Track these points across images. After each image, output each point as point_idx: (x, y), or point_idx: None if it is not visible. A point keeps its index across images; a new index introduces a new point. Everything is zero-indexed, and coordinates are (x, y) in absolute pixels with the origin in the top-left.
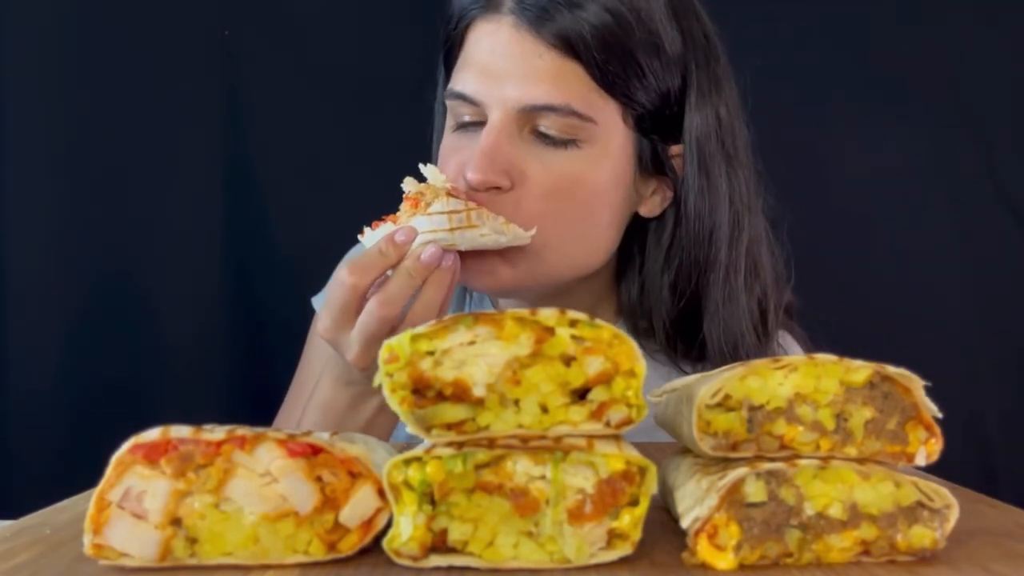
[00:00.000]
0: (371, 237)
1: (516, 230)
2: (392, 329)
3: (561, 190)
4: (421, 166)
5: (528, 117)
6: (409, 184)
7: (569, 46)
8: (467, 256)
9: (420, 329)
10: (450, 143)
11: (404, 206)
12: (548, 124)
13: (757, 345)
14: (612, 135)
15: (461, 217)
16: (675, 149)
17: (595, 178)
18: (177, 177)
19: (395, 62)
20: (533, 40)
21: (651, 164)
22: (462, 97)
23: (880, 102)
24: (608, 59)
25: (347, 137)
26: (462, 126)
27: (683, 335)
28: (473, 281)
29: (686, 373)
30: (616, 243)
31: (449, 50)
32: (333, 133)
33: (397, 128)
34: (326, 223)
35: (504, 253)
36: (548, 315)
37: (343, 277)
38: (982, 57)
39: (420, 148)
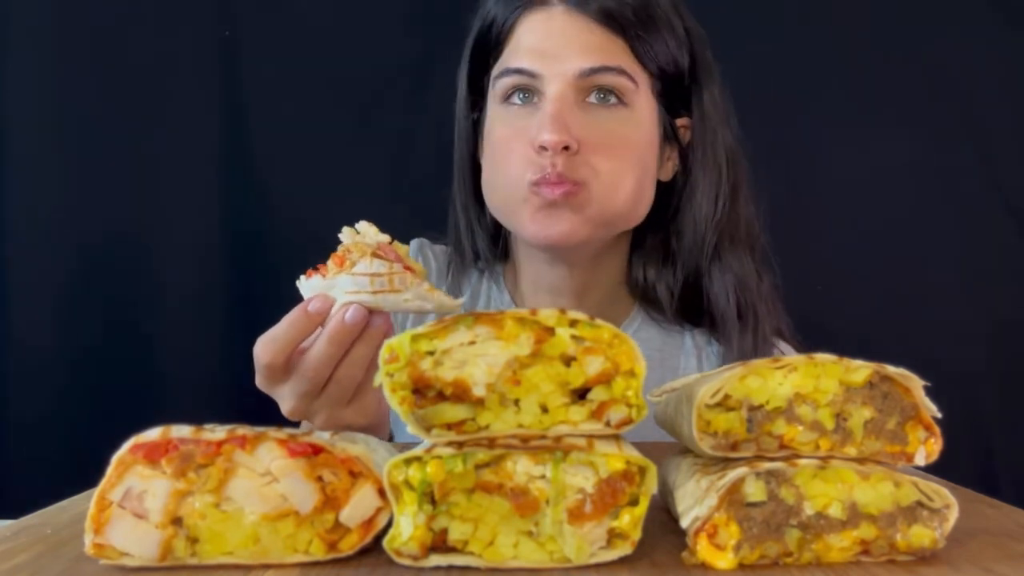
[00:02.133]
0: (304, 287)
1: (441, 298)
2: (325, 385)
3: (620, 146)
4: (358, 224)
5: (585, 83)
6: (345, 235)
7: (614, 21)
8: (535, 212)
9: (420, 329)
10: (503, 121)
11: (331, 262)
12: (603, 83)
13: (759, 307)
14: (645, 100)
15: (383, 281)
16: (681, 121)
17: (641, 135)
18: (177, 177)
19: (395, 62)
20: (584, 19)
21: (668, 132)
22: (520, 72)
23: (880, 102)
24: (643, 33)
25: (347, 137)
26: (508, 101)
27: (690, 301)
28: (545, 233)
29: (695, 338)
30: (651, 202)
31: (488, 47)
32: (333, 133)
33: (397, 128)
34: (326, 223)
35: (579, 206)
36: (548, 315)
37: (258, 354)
38: (982, 57)
39: (419, 148)
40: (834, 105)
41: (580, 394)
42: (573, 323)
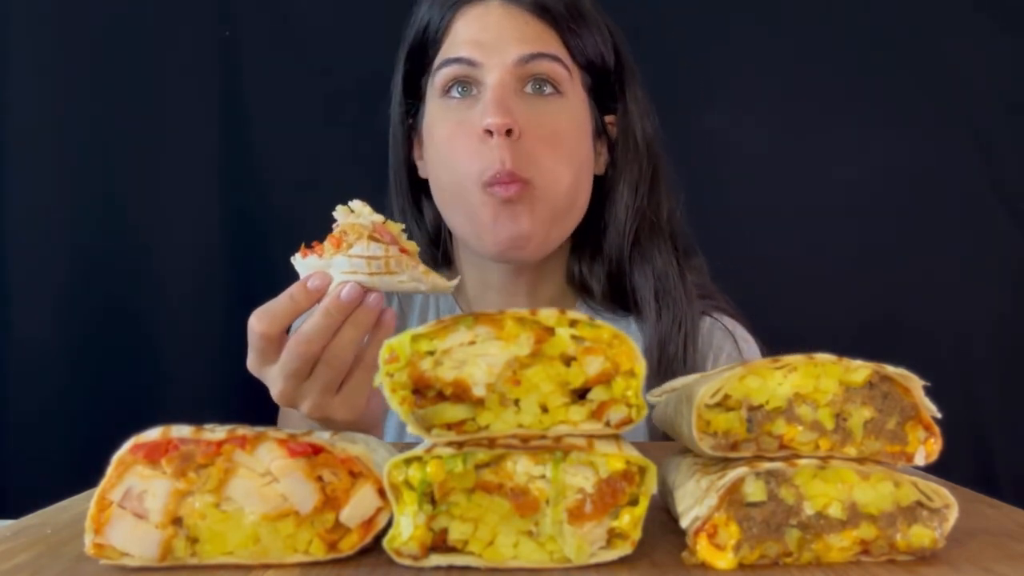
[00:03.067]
0: (300, 265)
1: (436, 279)
2: (314, 365)
3: (559, 135)
4: (352, 202)
5: (523, 70)
6: (339, 214)
7: (547, 13)
8: (486, 214)
9: (420, 329)
10: (445, 115)
11: (328, 243)
12: (540, 71)
13: (677, 293)
14: (578, 92)
15: (379, 264)
16: (609, 118)
17: (575, 128)
18: (177, 177)
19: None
20: (519, 11)
21: (599, 127)
22: (459, 61)
23: (879, 102)
24: (575, 26)
25: (347, 137)
26: (449, 96)
27: (617, 289)
28: (500, 234)
29: (625, 322)
30: (589, 195)
31: (425, 48)
32: (333, 133)
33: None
34: (326, 222)
35: (530, 203)
36: (548, 315)
37: (253, 325)
38: (982, 57)
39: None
40: (834, 105)
41: (580, 394)
42: (573, 323)
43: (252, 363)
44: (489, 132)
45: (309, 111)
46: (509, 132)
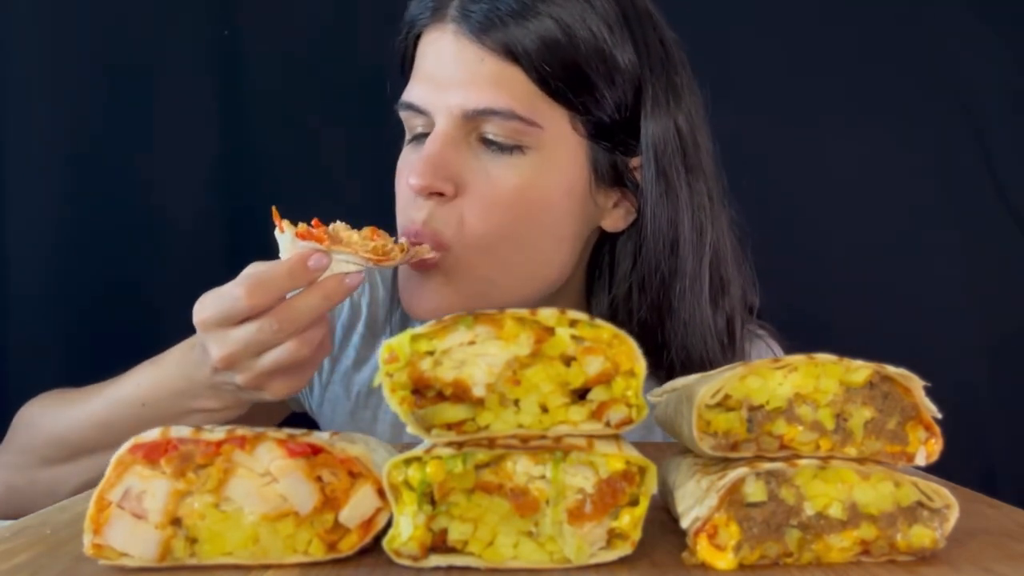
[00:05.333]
0: (291, 245)
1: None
2: (277, 345)
3: (505, 198)
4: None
5: (472, 123)
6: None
7: (510, 52)
8: (406, 279)
9: (420, 329)
10: (404, 156)
11: (329, 241)
12: (492, 129)
13: (722, 361)
14: (560, 142)
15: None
16: (635, 161)
17: (542, 185)
18: (177, 177)
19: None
20: (475, 47)
21: (609, 175)
22: (411, 107)
23: (879, 101)
24: (552, 68)
25: (348, 139)
26: (415, 138)
27: (649, 350)
28: (414, 305)
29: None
30: (574, 258)
31: (402, 62)
32: (333, 133)
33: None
34: (326, 221)
35: (446, 272)
36: (548, 315)
37: (240, 294)
38: (982, 56)
39: None
40: (834, 105)
41: (580, 394)
42: (573, 323)
43: (211, 320)
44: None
45: (309, 111)
46: (440, 194)
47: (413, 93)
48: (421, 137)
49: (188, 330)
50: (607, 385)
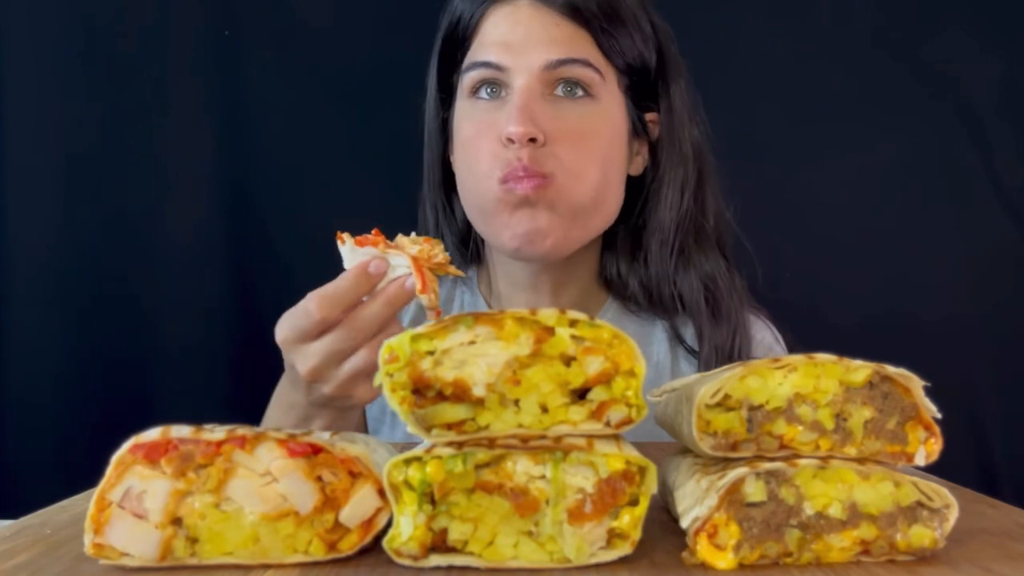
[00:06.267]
0: (351, 253)
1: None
2: (353, 352)
3: (586, 136)
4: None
5: (551, 75)
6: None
7: (579, 14)
8: (508, 217)
9: (420, 329)
10: (468, 116)
11: (383, 245)
12: (569, 75)
13: (729, 299)
14: (613, 94)
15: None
16: (650, 116)
17: (608, 128)
18: (177, 181)
19: (395, 63)
20: (549, 12)
21: (638, 127)
22: (487, 65)
23: (879, 101)
24: (608, 27)
25: (347, 139)
26: (477, 96)
27: (662, 293)
28: (521, 234)
29: (671, 328)
30: (622, 197)
31: (456, 44)
32: (333, 133)
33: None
34: (326, 223)
35: (551, 201)
36: (548, 315)
37: (311, 309)
38: (981, 56)
39: (419, 147)
40: (834, 104)
41: (580, 394)
42: (573, 323)
43: (291, 339)
44: (511, 140)
45: (309, 111)
46: (533, 140)
47: (490, 55)
48: (488, 92)
49: (185, 331)
50: (607, 385)
